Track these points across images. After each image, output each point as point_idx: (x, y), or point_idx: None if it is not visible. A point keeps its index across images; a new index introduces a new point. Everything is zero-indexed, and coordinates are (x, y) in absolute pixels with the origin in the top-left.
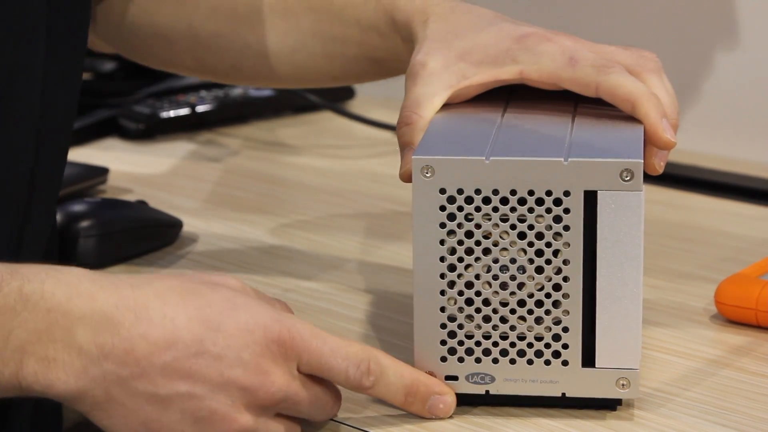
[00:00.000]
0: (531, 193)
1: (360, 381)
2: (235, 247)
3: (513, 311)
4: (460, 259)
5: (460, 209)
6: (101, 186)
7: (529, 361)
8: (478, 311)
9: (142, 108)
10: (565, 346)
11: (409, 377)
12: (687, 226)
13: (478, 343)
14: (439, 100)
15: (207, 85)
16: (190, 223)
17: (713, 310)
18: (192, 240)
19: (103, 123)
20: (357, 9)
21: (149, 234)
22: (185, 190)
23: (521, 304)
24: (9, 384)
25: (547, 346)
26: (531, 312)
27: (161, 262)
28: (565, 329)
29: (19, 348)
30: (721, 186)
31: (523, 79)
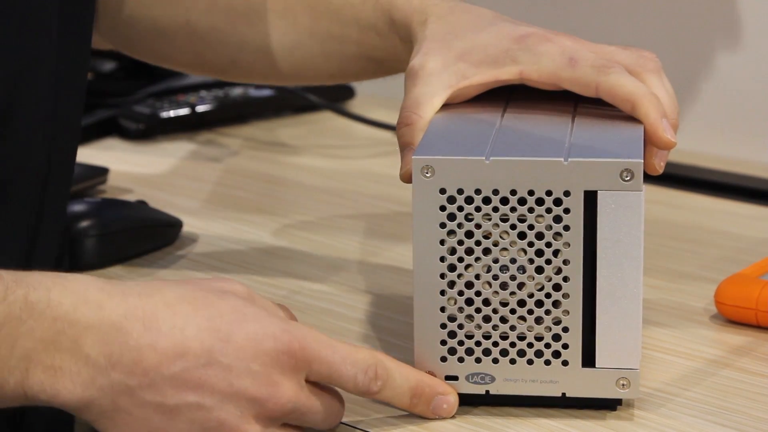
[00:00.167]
0: (531, 193)
1: (368, 387)
2: (235, 247)
3: (513, 311)
4: (460, 259)
5: (460, 209)
6: (101, 186)
7: (529, 361)
8: (478, 311)
9: (142, 108)
10: (565, 346)
11: (414, 379)
12: (687, 226)
13: (478, 343)
14: (439, 100)
15: (207, 85)
16: (190, 223)
17: (713, 310)
18: (192, 240)
19: (103, 123)
20: (355, 8)
21: (149, 234)
22: (185, 190)
23: (521, 304)
24: (14, 393)
25: (547, 346)
26: (531, 312)
27: (161, 262)
28: (565, 329)
29: (25, 357)
30: (721, 186)
31: (523, 80)
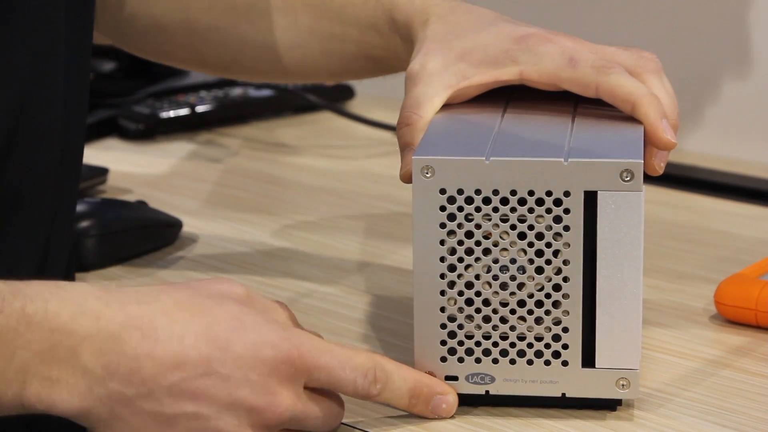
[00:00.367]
0: (531, 194)
1: (367, 390)
2: (235, 248)
3: (513, 311)
4: (460, 260)
5: (460, 209)
6: (101, 186)
7: (529, 362)
8: (478, 311)
9: (141, 108)
10: (565, 346)
11: (412, 380)
12: (687, 226)
13: (478, 344)
14: (439, 100)
15: (207, 85)
16: (189, 224)
17: (713, 310)
18: (192, 240)
19: (103, 123)
20: (356, 8)
21: (149, 234)
22: (185, 190)
23: (521, 304)
24: (12, 404)
25: (547, 346)
26: (531, 312)
27: (161, 262)
28: (565, 329)
29: (23, 369)
30: (721, 186)
31: (523, 80)
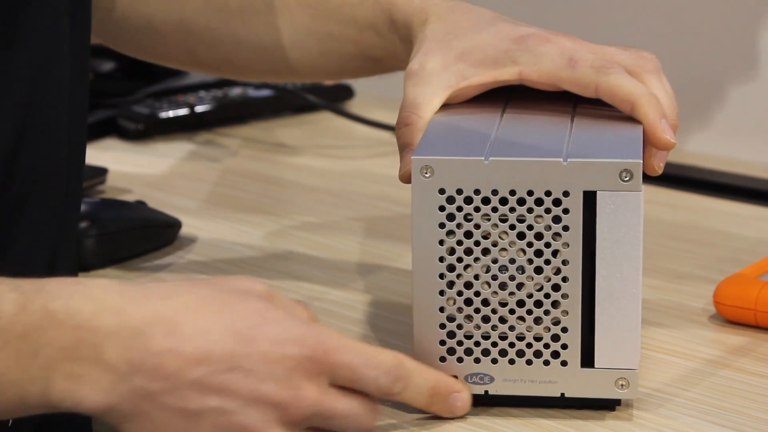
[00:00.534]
0: (530, 194)
1: (390, 389)
2: (234, 248)
3: (512, 311)
4: (459, 260)
5: (459, 209)
6: (100, 186)
7: (528, 362)
8: (477, 311)
9: (141, 108)
10: (564, 346)
11: (432, 378)
12: (686, 226)
13: (477, 344)
14: (438, 100)
15: (206, 86)
16: (189, 224)
17: (712, 310)
18: (191, 240)
19: (102, 123)
20: (354, 8)
21: (148, 234)
22: (184, 190)
23: (520, 304)
24: (37, 402)
25: (546, 346)
26: (530, 312)
27: (160, 262)
28: (564, 329)
29: (47, 366)
30: (721, 186)
31: (523, 80)
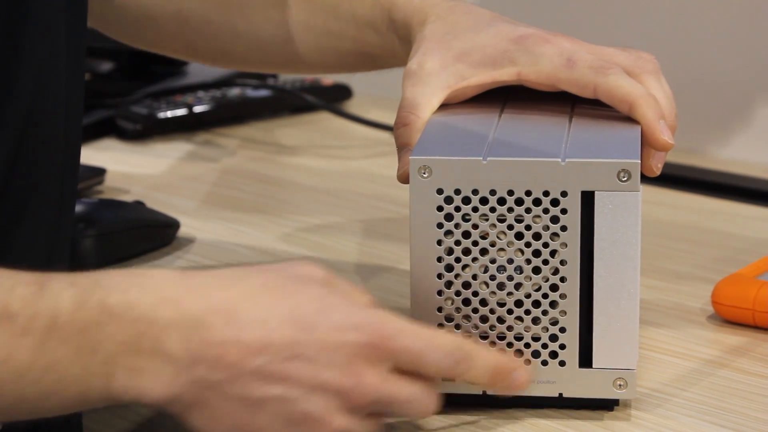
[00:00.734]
0: (528, 194)
1: (452, 371)
2: (233, 248)
3: (510, 312)
4: (457, 260)
5: (457, 209)
6: (98, 186)
7: (527, 362)
8: (475, 311)
9: (139, 108)
10: (563, 346)
11: (493, 358)
12: (684, 226)
13: None
14: (437, 100)
15: (204, 86)
16: (187, 224)
17: (710, 310)
18: (189, 240)
19: (101, 123)
20: (353, 5)
21: (146, 234)
22: (182, 190)
23: (518, 304)
24: (99, 397)
25: (545, 346)
26: (528, 312)
27: (159, 262)
28: (563, 330)
29: (108, 361)
30: (719, 186)
31: (521, 81)
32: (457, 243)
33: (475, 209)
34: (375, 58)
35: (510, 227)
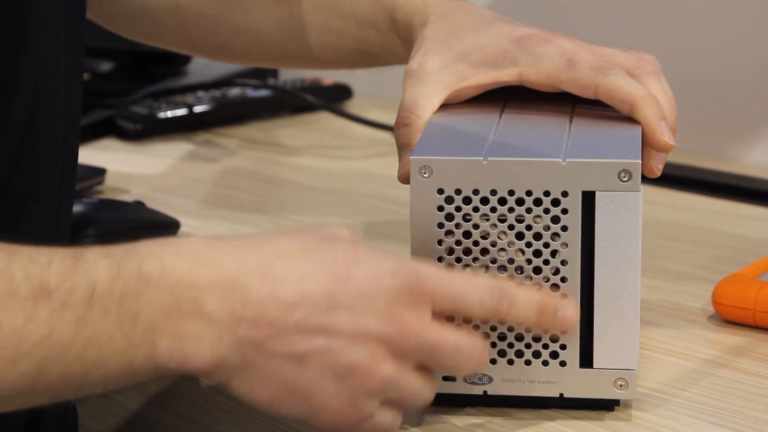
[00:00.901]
0: (529, 194)
1: (497, 308)
2: None
3: None
4: (457, 260)
5: (458, 209)
6: (99, 186)
7: (527, 362)
8: None
9: (139, 108)
10: (563, 346)
11: (537, 296)
12: (685, 226)
13: None
14: (437, 100)
15: (204, 86)
16: (187, 224)
17: (711, 310)
18: None
19: (101, 123)
20: (354, 3)
21: (146, 234)
22: (183, 190)
23: None
24: (145, 366)
25: (545, 346)
26: None
27: None
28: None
29: (150, 329)
30: (720, 186)
31: (522, 81)
32: (458, 243)
33: (476, 209)
34: (375, 56)
35: (511, 227)
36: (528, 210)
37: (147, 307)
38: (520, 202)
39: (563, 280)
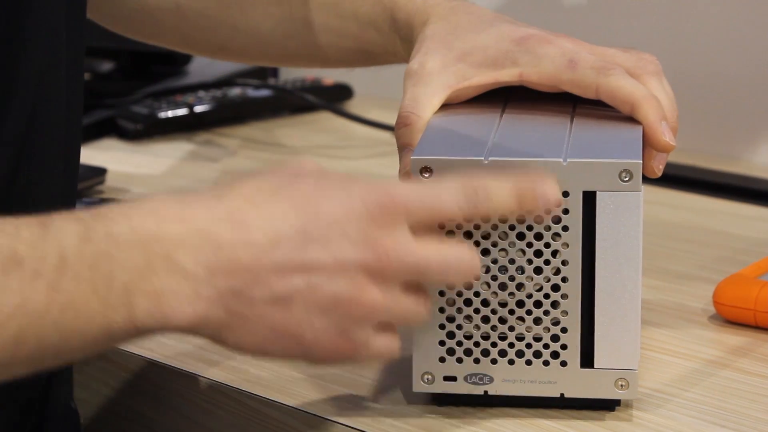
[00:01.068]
0: None
1: (474, 206)
2: None
3: (512, 312)
4: None
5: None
6: (99, 186)
7: (528, 362)
8: (476, 312)
9: (140, 108)
10: (564, 346)
11: (510, 182)
12: (686, 226)
13: (476, 344)
14: (438, 100)
15: (205, 86)
16: None
17: (712, 310)
18: None
19: (102, 123)
20: (355, 3)
21: None
22: (183, 190)
23: (520, 304)
24: (125, 330)
25: (546, 346)
26: (530, 313)
27: None
28: (564, 330)
29: (125, 290)
30: (720, 186)
31: (523, 81)
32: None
33: None
34: (376, 56)
35: (511, 227)
36: None
37: (120, 269)
38: None
39: (564, 280)
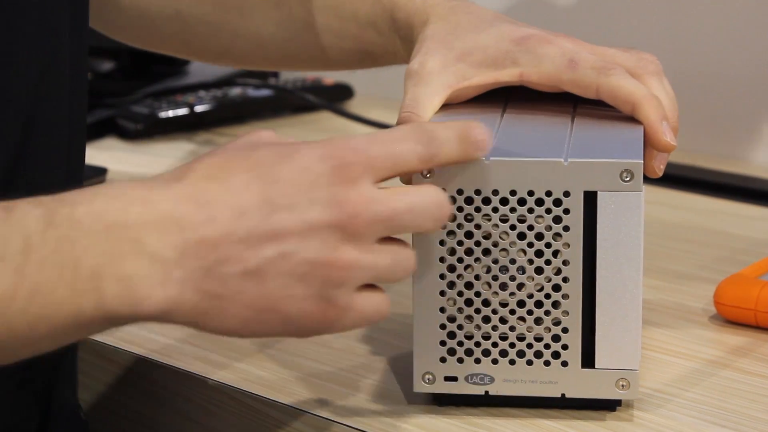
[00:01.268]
0: (531, 194)
1: (429, 153)
2: None
3: (512, 312)
4: (459, 260)
5: (459, 210)
6: None
7: (529, 362)
8: (477, 312)
9: (140, 108)
10: (565, 346)
11: (452, 126)
12: (686, 226)
13: (477, 344)
14: (438, 100)
15: (205, 85)
16: None
17: (712, 310)
18: None
19: (102, 123)
20: (355, 4)
21: None
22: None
23: (521, 304)
24: (95, 317)
25: (547, 346)
26: (530, 313)
27: None
28: (565, 330)
29: (93, 275)
30: (721, 186)
31: (523, 81)
32: (460, 243)
33: (478, 209)
34: (376, 56)
35: (512, 227)
36: (530, 210)
37: (85, 253)
38: (521, 202)
39: (565, 280)
